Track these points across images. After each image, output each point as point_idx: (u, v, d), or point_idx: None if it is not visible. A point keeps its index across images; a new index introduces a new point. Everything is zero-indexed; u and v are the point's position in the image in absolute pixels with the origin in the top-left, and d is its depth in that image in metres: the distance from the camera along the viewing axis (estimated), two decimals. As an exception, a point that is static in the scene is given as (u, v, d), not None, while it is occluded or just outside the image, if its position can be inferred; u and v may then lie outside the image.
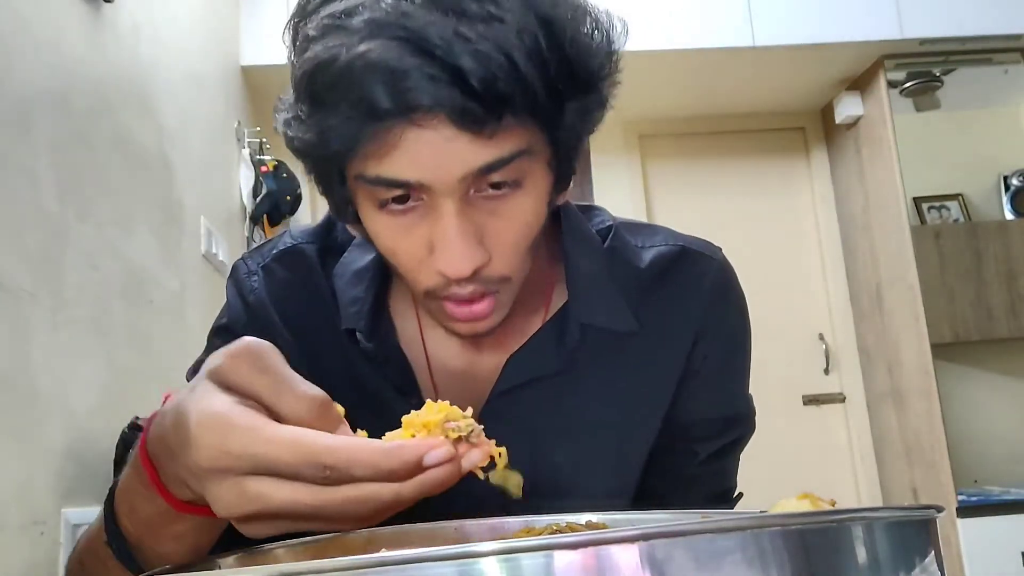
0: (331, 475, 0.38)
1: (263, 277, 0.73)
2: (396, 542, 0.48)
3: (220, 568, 0.44)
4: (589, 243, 0.72)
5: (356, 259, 0.71)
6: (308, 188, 2.95)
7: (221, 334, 0.73)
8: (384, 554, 0.26)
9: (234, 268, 0.75)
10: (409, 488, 0.39)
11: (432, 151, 0.53)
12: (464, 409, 0.43)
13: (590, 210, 0.77)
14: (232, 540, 0.63)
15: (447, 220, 0.55)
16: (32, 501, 1.23)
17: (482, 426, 0.42)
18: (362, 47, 0.51)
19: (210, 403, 0.41)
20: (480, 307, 0.59)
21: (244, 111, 2.74)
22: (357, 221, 0.62)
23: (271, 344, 0.44)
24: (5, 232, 1.21)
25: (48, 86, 1.39)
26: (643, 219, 3.31)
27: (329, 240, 0.74)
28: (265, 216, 2.62)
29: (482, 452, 0.41)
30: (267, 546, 0.46)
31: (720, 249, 0.76)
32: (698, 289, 0.72)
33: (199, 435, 0.40)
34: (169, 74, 2.01)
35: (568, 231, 0.71)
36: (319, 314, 0.70)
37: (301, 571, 0.26)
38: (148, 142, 1.84)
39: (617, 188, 3.35)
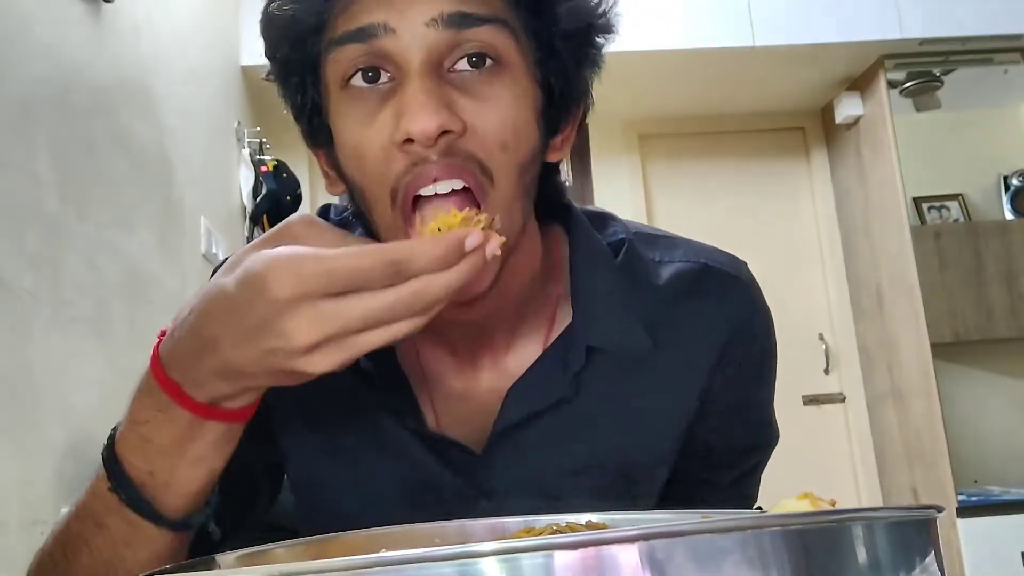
0: (399, 270, 0.43)
1: None
2: (397, 542, 0.48)
3: (220, 568, 0.44)
4: (599, 257, 0.66)
5: None
6: (308, 188, 2.95)
7: None
8: (384, 554, 0.26)
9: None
10: (456, 275, 0.43)
11: None
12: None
13: (603, 219, 0.70)
14: (233, 527, 0.63)
15: (413, 81, 0.52)
16: (32, 500, 1.23)
17: (495, 216, 0.49)
18: None
19: (273, 250, 0.44)
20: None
21: (244, 111, 2.74)
22: (329, 143, 0.59)
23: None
24: (5, 232, 1.21)
25: (48, 86, 1.39)
26: (643, 219, 3.32)
27: None
28: (265, 216, 2.62)
29: (497, 240, 0.45)
30: (267, 546, 0.46)
31: (746, 264, 0.70)
32: (721, 312, 0.66)
33: (272, 272, 0.43)
34: (169, 74, 2.01)
35: (576, 243, 0.66)
36: None
37: (301, 571, 0.26)
38: (148, 142, 1.84)
39: (617, 188, 3.35)
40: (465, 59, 0.54)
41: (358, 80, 0.55)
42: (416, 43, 0.53)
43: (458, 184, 0.53)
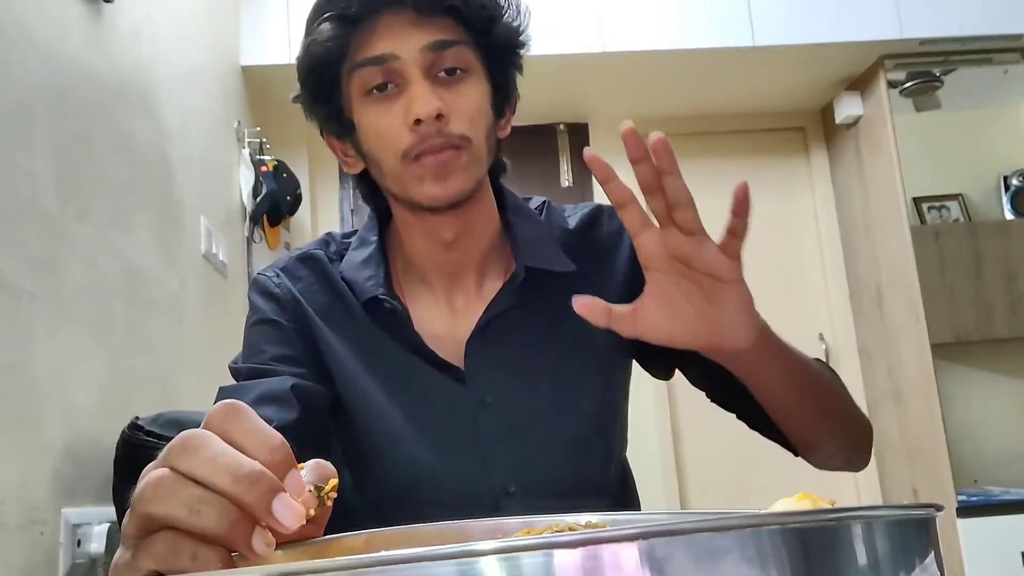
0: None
1: (286, 278, 0.89)
2: (396, 542, 0.48)
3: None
4: (528, 213, 0.94)
5: (358, 254, 0.89)
6: (308, 188, 2.95)
7: (265, 324, 0.86)
8: (384, 554, 0.25)
9: (254, 281, 0.90)
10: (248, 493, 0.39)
11: (401, 29, 0.79)
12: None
13: (527, 198, 0.99)
14: None
15: (417, 84, 0.78)
16: (32, 501, 1.23)
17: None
18: None
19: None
20: (447, 154, 0.79)
21: (244, 111, 2.74)
22: (352, 131, 0.84)
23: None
24: (5, 232, 1.21)
25: (48, 86, 1.39)
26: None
27: (329, 250, 0.92)
28: (265, 216, 2.62)
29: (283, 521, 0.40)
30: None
31: None
32: (622, 234, 0.93)
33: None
34: (169, 74, 2.01)
35: (510, 208, 0.93)
36: (338, 304, 0.87)
37: (301, 571, 0.26)
38: (148, 142, 1.84)
39: (617, 188, 3.34)
40: (444, 70, 0.80)
41: (374, 90, 0.80)
42: (414, 63, 0.79)
43: (451, 151, 0.79)
